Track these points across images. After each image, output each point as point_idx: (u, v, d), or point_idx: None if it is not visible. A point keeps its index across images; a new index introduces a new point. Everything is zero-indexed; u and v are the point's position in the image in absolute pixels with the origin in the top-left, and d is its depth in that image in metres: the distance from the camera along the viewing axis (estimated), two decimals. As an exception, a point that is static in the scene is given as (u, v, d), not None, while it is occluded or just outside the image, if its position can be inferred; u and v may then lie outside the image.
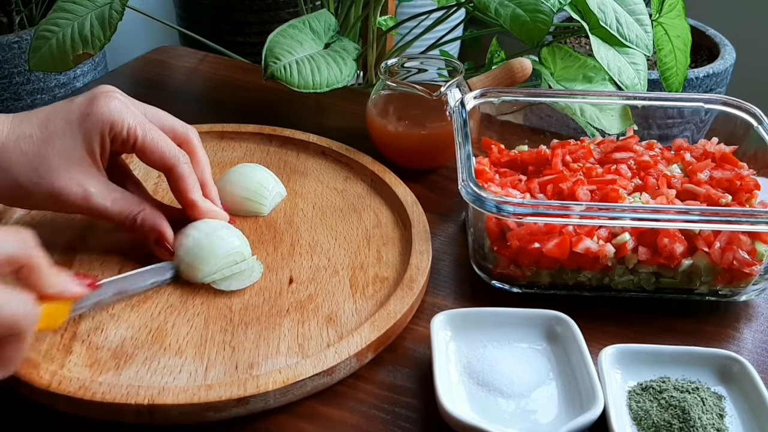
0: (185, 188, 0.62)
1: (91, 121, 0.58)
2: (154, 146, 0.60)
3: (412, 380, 0.57)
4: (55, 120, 0.58)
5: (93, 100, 0.59)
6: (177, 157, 0.61)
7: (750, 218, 0.58)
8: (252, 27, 1.83)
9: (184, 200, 0.62)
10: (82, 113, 0.58)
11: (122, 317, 0.58)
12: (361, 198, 0.74)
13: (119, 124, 0.58)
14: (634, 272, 0.63)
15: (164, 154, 0.60)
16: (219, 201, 0.66)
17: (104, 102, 0.58)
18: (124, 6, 0.89)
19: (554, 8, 0.89)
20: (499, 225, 0.63)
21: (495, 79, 0.81)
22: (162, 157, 0.60)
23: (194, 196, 0.62)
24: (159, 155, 0.60)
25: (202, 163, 0.65)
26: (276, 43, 0.85)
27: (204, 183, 0.64)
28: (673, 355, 0.57)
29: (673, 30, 1.07)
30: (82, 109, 0.58)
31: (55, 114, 0.59)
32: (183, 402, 0.51)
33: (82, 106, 0.59)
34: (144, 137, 0.59)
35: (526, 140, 0.75)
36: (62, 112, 0.59)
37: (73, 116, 0.58)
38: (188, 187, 0.62)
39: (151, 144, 0.60)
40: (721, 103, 0.73)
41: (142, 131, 0.59)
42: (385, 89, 0.79)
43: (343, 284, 0.63)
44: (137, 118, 0.60)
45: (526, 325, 0.59)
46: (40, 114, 0.59)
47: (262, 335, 0.57)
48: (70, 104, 0.59)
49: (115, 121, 0.58)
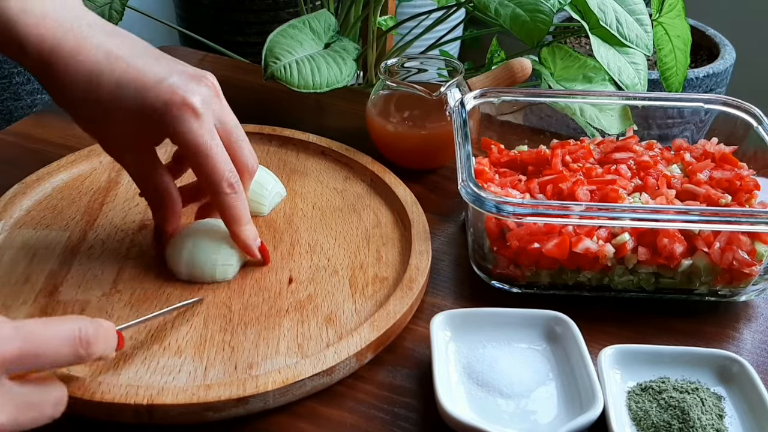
0: (228, 219, 0.60)
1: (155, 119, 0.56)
2: (201, 170, 0.57)
3: (412, 380, 0.57)
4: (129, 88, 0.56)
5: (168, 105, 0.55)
6: (217, 191, 0.58)
7: (750, 218, 0.58)
8: (252, 27, 1.83)
9: (228, 229, 0.61)
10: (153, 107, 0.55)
11: (122, 317, 0.58)
12: (360, 198, 0.74)
13: (179, 138, 0.56)
14: (634, 272, 0.63)
15: (208, 180, 0.58)
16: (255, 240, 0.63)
17: (175, 112, 0.56)
18: (124, 6, 0.89)
19: (554, 8, 0.89)
20: (498, 225, 0.63)
21: (495, 79, 0.81)
22: (207, 181, 0.58)
23: (236, 229, 0.61)
24: (204, 179, 0.58)
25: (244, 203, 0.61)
26: (276, 43, 0.85)
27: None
28: (673, 355, 0.57)
29: (673, 30, 1.07)
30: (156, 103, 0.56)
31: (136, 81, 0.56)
32: (182, 402, 0.51)
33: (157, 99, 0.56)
34: (195, 157, 0.57)
35: (525, 140, 0.75)
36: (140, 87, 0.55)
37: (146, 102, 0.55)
38: (230, 219, 0.60)
39: (199, 167, 0.57)
40: (721, 103, 0.73)
41: (194, 152, 0.57)
42: (385, 89, 0.79)
43: (342, 284, 0.63)
44: (199, 138, 0.56)
45: (526, 325, 0.59)
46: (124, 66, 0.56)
47: (261, 335, 0.57)
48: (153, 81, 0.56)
49: (175, 134, 0.56)
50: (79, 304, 0.59)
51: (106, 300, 0.60)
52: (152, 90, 0.56)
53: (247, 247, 0.62)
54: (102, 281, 0.62)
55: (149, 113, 0.56)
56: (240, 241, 0.61)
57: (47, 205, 0.70)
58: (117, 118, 0.56)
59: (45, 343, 0.43)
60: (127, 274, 0.63)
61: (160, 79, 0.56)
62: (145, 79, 0.56)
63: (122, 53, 0.56)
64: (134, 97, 0.56)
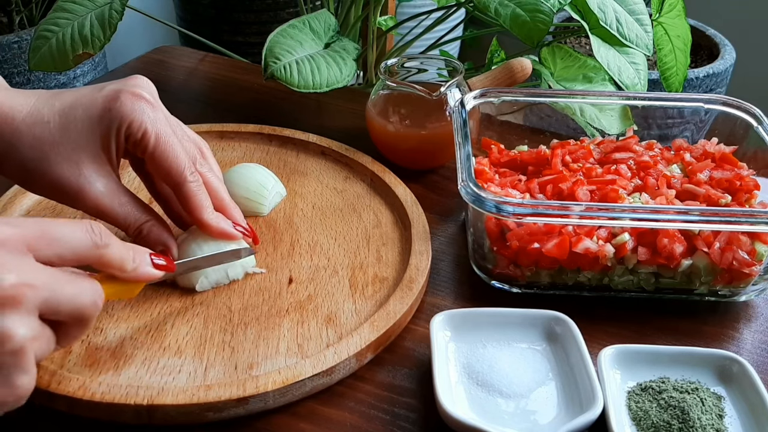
0: (191, 207, 0.59)
1: (111, 115, 0.56)
2: (163, 159, 0.57)
3: (412, 380, 0.57)
4: (76, 109, 0.56)
5: (119, 94, 0.56)
6: (185, 177, 0.58)
7: (750, 218, 0.58)
8: (252, 27, 1.83)
9: (194, 220, 0.60)
10: (104, 107, 0.56)
11: (121, 317, 0.58)
12: (360, 198, 0.74)
13: (137, 125, 0.56)
14: (634, 272, 0.63)
15: (171, 169, 0.58)
16: (239, 216, 0.62)
17: (129, 101, 0.56)
18: (124, 6, 0.89)
19: (554, 8, 0.89)
20: (498, 225, 0.63)
21: (495, 79, 0.81)
22: (168, 171, 0.58)
23: (201, 216, 0.59)
24: (166, 169, 0.58)
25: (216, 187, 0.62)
26: (276, 43, 0.85)
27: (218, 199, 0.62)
28: (673, 355, 0.57)
29: (673, 30, 1.07)
30: (106, 103, 0.56)
31: (79, 103, 0.56)
32: (182, 402, 0.51)
33: (107, 99, 0.56)
34: (156, 146, 0.57)
35: (525, 140, 0.75)
36: (86, 103, 0.56)
37: (95, 110, 0.56)
38: (194, 206, 0.59)
39: (161, 155, 0.57)
40: (721, 103, 0.73)
41: (156, 139, 0.57)
42: (385, 89, 0.79)
43: (342, 284, 0.63)
44: (158, 124, 0.57)
45: (526, 325, 0.59)
46: (64, 99, 0.57)
47: (261, 335, 0.57)
48: (95, 93, 0.57)
49: (133, 121, 0.56)
50: (79, 304, 0.59)
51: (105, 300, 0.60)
52: (99, 97, 0.56)
53: (221, 230, 0.60)
54: (102, 281, 0.62)
55: (102, 115, 0.56)
56: (212, 227, 0.60)
57: (47, 205, 0.70)
58: (70, 140, 0.56)
59: (61, 227, 0.46)
60: (127, 274, 0.63)
61: (101, 89, 0.57)
62: (86, 92, 0.57)
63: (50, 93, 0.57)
64: (84, 110, 0.56)
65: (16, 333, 0.42)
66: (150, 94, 0.58)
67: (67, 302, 0.44)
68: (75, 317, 0.45)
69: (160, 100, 0.59)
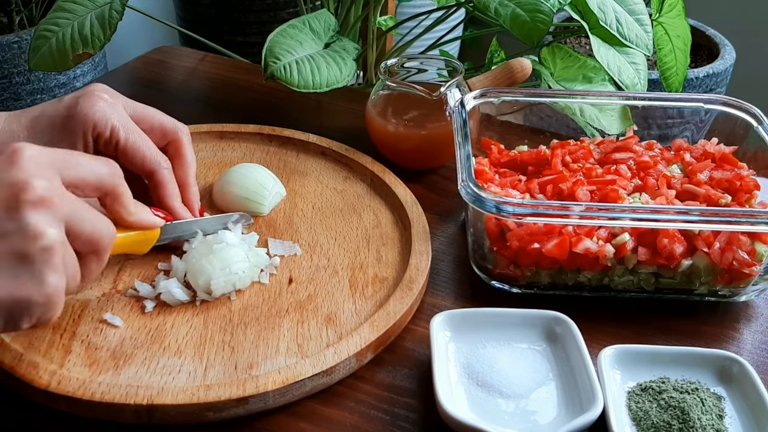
0: (164, 194, 0.62)
1: (74, 121, 0.58)
2: (136, 150, 0.60)
3: (412, 380, 0.57)
4: (41, 120, 0.59)
5: (78, 100, 0.59)
6: (158, 163, 0.61)
7: (750, 218, 0.58)
8: (252, 27, 1.83)
9: (162, 205, 0.63)
10: (66, 114, 0.59)
11: (121, 317, 0.58)
12: (360, 198, 0.74)
13: (102, 124, 0.59)
14: (634, 273, 0.63)
15: (145, 159, 0.61)
16: (197, 204, 0.65)
17: (89, 103, 0.59)
18: (124, 6, 0.89)
19: (554, 8, 0.89)
20: (498, 225, 0.63)
21: (495, 79, 0.81)
22: (143, 161, 0.61)
23: (172, 203, 0.63)
24: (140, 159, 0.61)
25: (187, 164, 0.65)
26: (276, 43, 0.85)
27: (186, 185, 0.64)
28: (673, 355, 0.57)
29: (673, 30, 1.07)
30: (67, 110, 0.59)
31: (42, 115, 0.59)
32: (182, 402, 0.51)
33: (67, 106, 0.59)
34: (126, 139, 0.60)
35: (525, 140, 0.75)
36: (49, 112, 0.59)
37: (58, 117, 0.59)
38: (167, 194, 0.62)
39: (132, 147, 0.60)
40: (721, 104, 0.73)
41: (125, 133, 0.60)
42: (385, 89, 0.79)
43: (342, 284, 0.63)
44: (122, 119, 0.60)
45: (526, 325, 0.59)
46: (30, 113, 0.59)
47: (261, 335, 0.57)
48: (57, 104, 0.60)
49: (98, 122, 0.58)
50: (79, 304, 0.59)
51: (106, 300, 0.60)
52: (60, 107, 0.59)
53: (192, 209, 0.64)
54: (102, 281, 0.62)
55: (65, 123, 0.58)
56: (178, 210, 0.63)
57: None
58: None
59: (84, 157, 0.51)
60: (127, 274, 0.63)
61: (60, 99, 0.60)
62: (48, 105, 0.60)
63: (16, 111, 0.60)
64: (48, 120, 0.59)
65: (47, 231, 0.44)
66: (107, 94, 0.60)
67: (89, 226, 0.48)
68: (93, 245, 0.48)
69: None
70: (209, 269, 0.59)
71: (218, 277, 0.59)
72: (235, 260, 0.60)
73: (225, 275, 0.59)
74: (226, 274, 0.59)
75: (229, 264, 0.59)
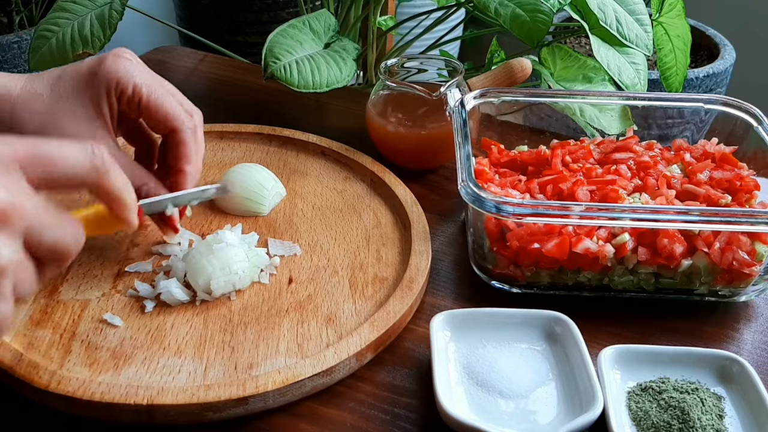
0: (182, 154, 0.60)
1: (98, 79, 0.58)
2: (159, 106, 0.59)
3: (412, 381, 0.57)
4: (64, 79, 0.58)
5: (102, 59, 0.59)
6: (182, 121, 0.60)
7: (750, 219, 0.58)
8: (252, 27, 1.83)
9: (176, 167, 0.60)
10: (90, 72, 0.58)
11: (121, 317, 0.58)
12: (360, 198, 0.74)
13: (125, 81, 0.58)
14: (634, 273, 0.63)
15: (168, 115, 0.59)
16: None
17: (112, 61, 0.58)
18: (124, 6, 0.89)
19: (554, 8, 0.89)
20: (498, 225, 0.63)
21: (495, 79, 0.81)
22: (166, 117, 0.59)
23: (186, 166, 0.60)
24: (164, 114, 0.59)
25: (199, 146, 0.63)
26: (276, 43, 0.85)
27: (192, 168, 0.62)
28: (673, 355, 0.57)
29: (673, 30, 1.07)
30: (91, 68, 0.59)
31: (65, 73, 0.59)
32: (182, 402, 0.51)
33: (91, 65, 0.59)
34: (149, 95, 0.59)
35: (525, 140, 0.75)
36: (72, 72, 0.59)
37: (81, 76, 0.58)
38: (184, 154, 0.60)
39: (156, 102, 0.59)
40: (721, 104, 0.73)
41: (148, 90, 0.59)
42: (384, 89, 0.79)
43: (342, 284, 0.63)
44: (144, 77, 0.59)
45: (526, 325, 0.59)
46: (51, 74, 0.59)
47: (261, 335, 0.57)
48: (79, 65, 0.59)
49: (121, 79, 0.58)
50: (79, 304, 0.59)
51: (106, 300, 0.60)
52: (83, 66, 0.59)
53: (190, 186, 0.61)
54: (102, 281, 0.62)
55: (89, 80, 0.58)
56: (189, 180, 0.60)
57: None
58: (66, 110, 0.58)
59: (59, 147, 0.43)
60: (127, 274, 0.63)
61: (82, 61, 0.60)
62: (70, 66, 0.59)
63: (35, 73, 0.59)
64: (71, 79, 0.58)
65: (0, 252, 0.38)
66: (130, 55, 0.60)
67: (50, 235, 0.42)
68: (54, 253, 0.43)
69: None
70: (209, 269, 0.59)
71: (218, 277, 0.59)
72: (235, 260, 0.60)
73: (225, 275, 0.59)
74: (226, 274, 0.59)
75: (229, 264, 0.59)
